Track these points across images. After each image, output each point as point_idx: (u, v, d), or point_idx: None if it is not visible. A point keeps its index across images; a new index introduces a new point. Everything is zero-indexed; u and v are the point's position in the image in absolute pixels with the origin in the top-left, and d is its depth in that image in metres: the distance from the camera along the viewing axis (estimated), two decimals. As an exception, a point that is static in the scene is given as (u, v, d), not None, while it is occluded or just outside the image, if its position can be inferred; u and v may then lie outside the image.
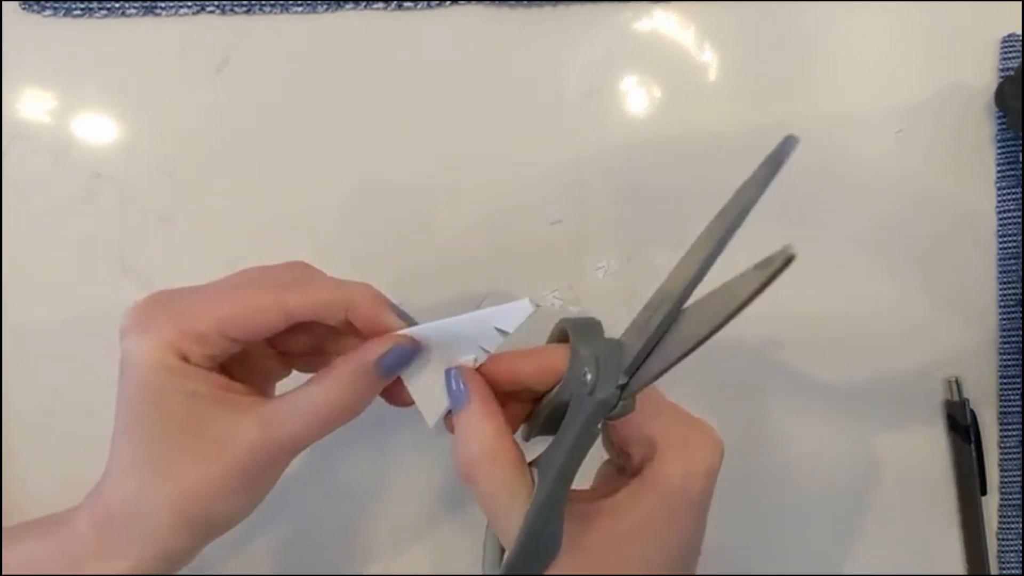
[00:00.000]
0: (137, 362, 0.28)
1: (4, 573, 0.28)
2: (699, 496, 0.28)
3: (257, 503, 0.30)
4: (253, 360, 0.31)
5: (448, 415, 0.31)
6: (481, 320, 0.30)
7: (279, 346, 0.32)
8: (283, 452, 0.29)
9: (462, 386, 0.29)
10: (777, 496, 0.41)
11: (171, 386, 0.27)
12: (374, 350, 0.29)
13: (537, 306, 0.30)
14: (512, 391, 0.30)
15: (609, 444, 0.32)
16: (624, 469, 0.31)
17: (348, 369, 0.29)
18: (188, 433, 0.27)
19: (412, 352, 0.29)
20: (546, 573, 0.27)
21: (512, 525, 0.27)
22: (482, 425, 0.28)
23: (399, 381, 0.31)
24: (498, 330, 0.30)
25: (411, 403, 0.32)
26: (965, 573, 0.41)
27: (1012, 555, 0.41)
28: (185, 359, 0.28)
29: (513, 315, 0.30)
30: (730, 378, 0.41)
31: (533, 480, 0.28)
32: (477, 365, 0.30)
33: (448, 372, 0.30)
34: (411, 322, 0.31)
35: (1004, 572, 0.41)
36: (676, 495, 0.28)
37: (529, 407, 0.32)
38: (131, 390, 0.28)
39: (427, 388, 0.31)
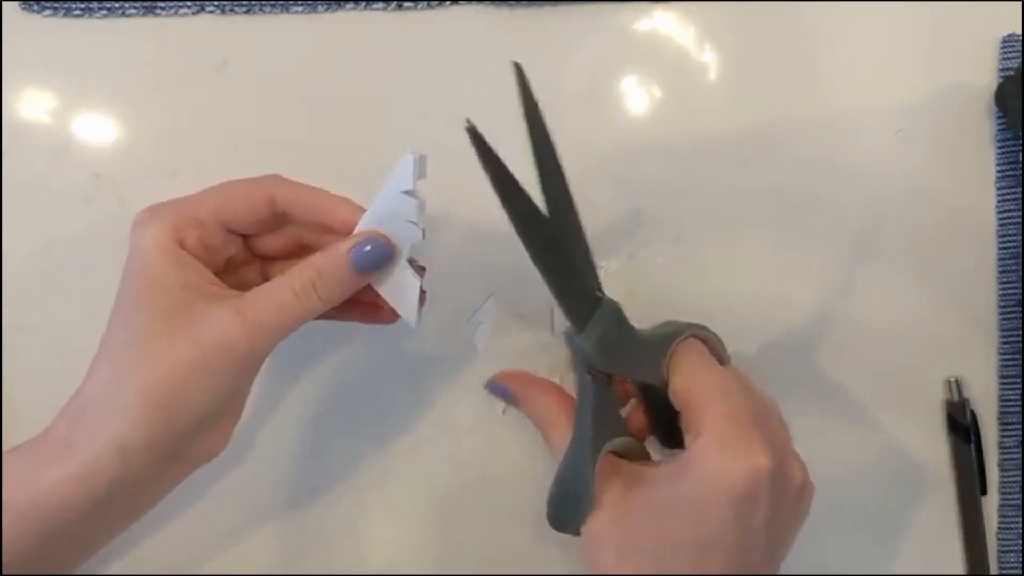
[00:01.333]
0: (139, 248, 0.29)
1: None
2: (731, 495, 0.28)
3: (232, 402, 0.31)
4: (240, 273, 0.33)
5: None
6: (390, 196, 0.31)
7: (263, 251, 0.33)
8: (254, 339, 0.29)
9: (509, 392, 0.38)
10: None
11: (165, 273, 0.29)
12: (346, 243, 0.30)
13: (419, 155, 0.31)
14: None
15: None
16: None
17: (322, 258, 0.30)
18: (171, 320, 0.28)
19: (386, 248, 0.30)
20: (583, 522, 0.31)
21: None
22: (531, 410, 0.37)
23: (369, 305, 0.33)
24: (406, 193, 0.31)
25: (391, 318, 0.33)
26: (965, 573, 0.41)
27: (1012, 555, 0.41)
28: (182, 245, 0.29)
29: (404, 174, 0.31)
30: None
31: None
32: (416, 240, 0.31)
33: (491, 386, 0.39)
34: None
35: (1004, 572, 0.41)
36: (703, 490, 0.29)
37: None
38: (129, 278, 0.29)
39: (393, 285, 0.31)
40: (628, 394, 0.38)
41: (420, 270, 0.33)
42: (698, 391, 0.31)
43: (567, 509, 0.33)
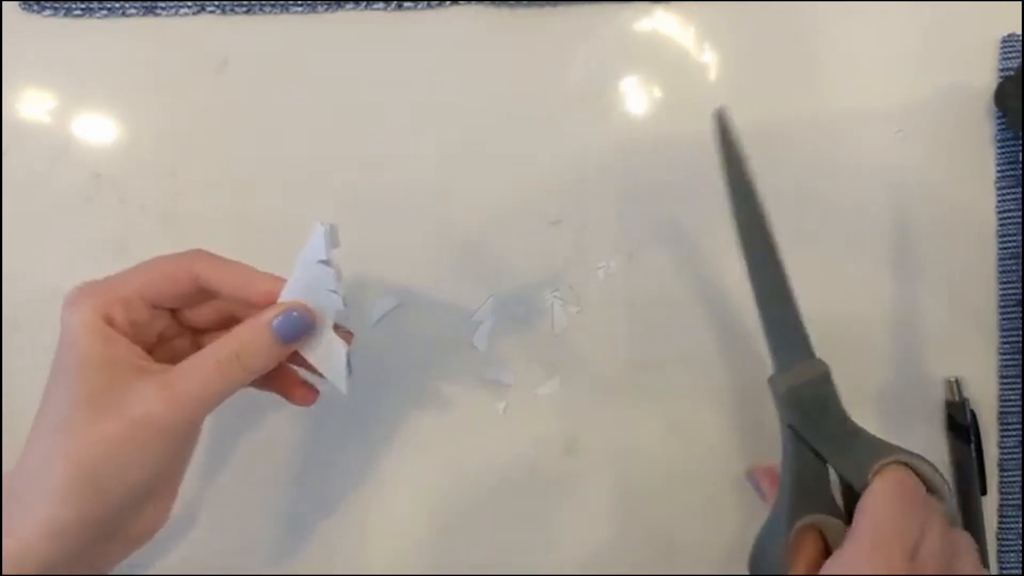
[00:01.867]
0: (67, 328, 0.30)
1: None
2: None
3: (167, 478, 0.31)
4: (172, 346, 0.33)
5: None
6: (307, 267, 0.31)
7: (192, 323, 0.34)
8: (181, 413, 0.29)
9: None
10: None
11: (91, 351, 0.29)
12: (268, 312, 0.31)
13: (329, 225, 0.31)
14: None
15: None
16: None
17: (245, 329, 0.30)
18: (97, 398, 0.28)
19: (307, 317, 0.31)
20: None
21: None
22: None
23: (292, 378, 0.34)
24: (322, 263, 0.31)
25: (312, 399, 0.34)
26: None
27: (1012, 555, 0.41)
28: (111, 323, 0.30)
29: (317, 245, 0.31)
30: (729, 376, 0.41)
31: None
32: (338, 308, 0.31)
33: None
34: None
35: (1004, 572, 0.41)
36: None
37: None
38: (59, 358, 0.30)
39: (320, 353, 0.32)
40: None
41: (347, 336, 0.33)
42: (864, 527, 0.31)
43: (762, 570, 0.34)
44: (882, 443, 0.34)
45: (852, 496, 0.34)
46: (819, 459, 0.34)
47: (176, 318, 0.33)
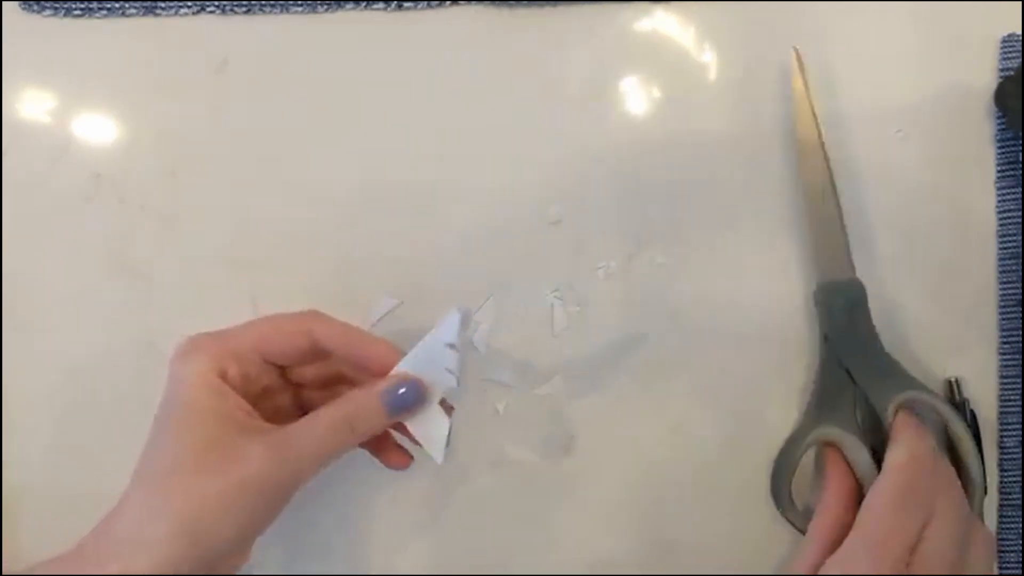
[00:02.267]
0: (182, 380, 0.30)
1: None
2: None
3: (260, 529, 0.31)
4: (280, 412, 0.34)
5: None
6: (432, 345, 0.33)
7: (297, 379, 0.35)
8: (288, 474, 0.30)
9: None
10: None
11: (204, 404, 0.30)
12: (382, 384, 0.32)
13: (466, 310, 0.33)
14: None
15: None
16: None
17: (355, 398, 0.32)
18: (207, 453, 0.29)
19: (418, 390, 0.32)
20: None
21: None
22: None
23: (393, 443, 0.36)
24: (448, 346, 0.33)
25: (406, 464, 0.36)
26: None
27: (1012, 555, 0.41)
28: (223, 377, 0.31)
29: (450, 328, 0.33)
30: (730, 374, 0.41)
31: None
32: (451, 387, 0.33)
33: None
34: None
35: (1004, 572, 0.41)
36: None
37: None
38: (168, 407, 0.31)
39: (423, 424, 0.33)
40: None
41: (449, 410, 0.35)
42: (865, 523, 0.32)
43: (782, 476, 0.38)
44: (907, 376, 0.38)
45: (875, 420, 0.38)
46: (849, 379, 0.38)
47: (282, 373, 0.34)
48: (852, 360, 0.39)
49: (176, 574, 0.29)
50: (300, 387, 0.36)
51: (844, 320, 0.39)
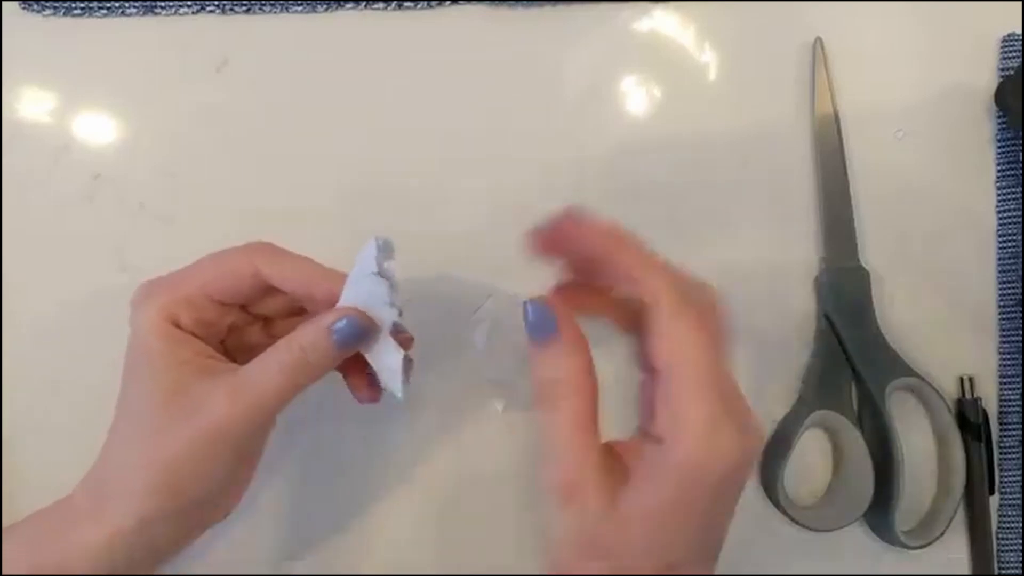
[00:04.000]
0: (137, 329, 0.31)
1: (12, 549, 0.30)
2: (721, 490, 0.27)
3: (241, 473, 0.33)
4: (253, 347, 0.33)
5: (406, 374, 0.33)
6: (359, 279, 0.32)
7: (262, 313, 0.35)
8: (252, 414, 0.30)
9: (549, 319, 0.29)
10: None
11: (159, 352, 0.30)
12: (328, 317, 0.31)
13: (385, 240, 0.32)
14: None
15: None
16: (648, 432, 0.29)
17: (305, 332, 0.31)
18: (171, 401, 0.30)
19: (362, 323, 0.31)
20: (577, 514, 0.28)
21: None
22: (567, 360, 0.29)
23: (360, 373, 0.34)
24: (375, 275, 0.31)
25: (377, 397, 0.34)
26: (970, 573, 0.41)
27: (1012, 555, 0.41)
28: (176, 323, 0.31)
29: (368, 259, 0.32)
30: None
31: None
32: (394, 319, 0.32)
33: (526, 304, 0.29)
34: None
35: (1004, 572, 0.41)
36: (689, 485, 0.27)
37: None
38: (129, 359, 0.31)
39: (378, 359, 0.32)
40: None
41: (408, 341, 0.34)
42: (684, 374, 0.28)
43: (777, 454, 0.39)
44: (902, 363, 0.39)
45: (871, 406, 0.39)
46: (846, 364, 0.40)
47: (245, 310, 0.34)
48: (851, 343, 0.40)
49: (163, 519, 0.30)
50: (269, 319, 0.35)
51: (848, 303, 0.40)
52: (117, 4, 0.40)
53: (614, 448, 0.30)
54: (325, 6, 0.41)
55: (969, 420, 0.40)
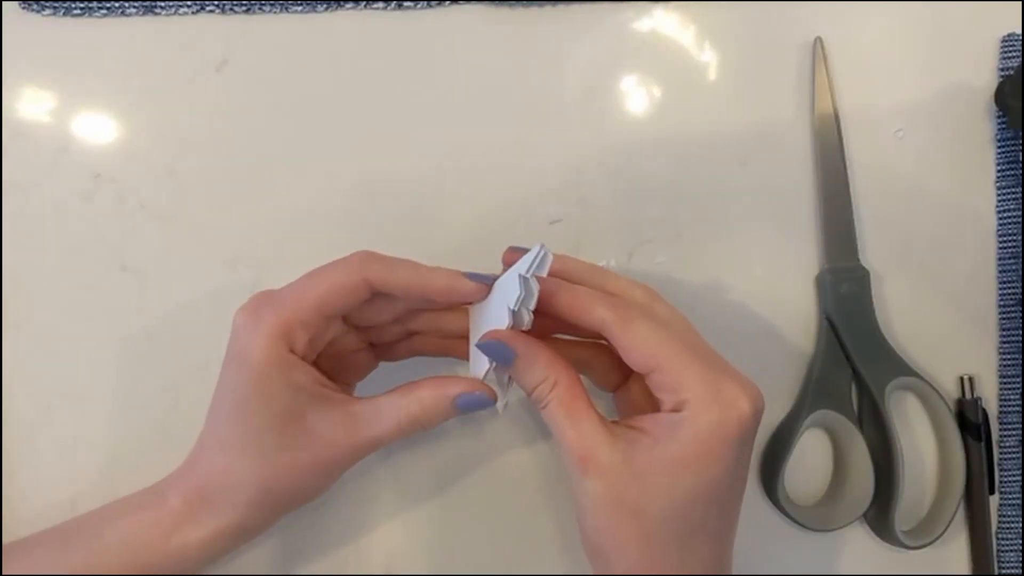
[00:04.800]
0: (251, 353, 0.31)
1: (110, 549, 0.32)
2: (729, 446, 0.30)
3: (327, 489, 0.35)
4: (344, 354, 0.35)
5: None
6: (511, 273, 0.32)
7: (366, 327, 0.35)
8: (362, 450, 0.33)
9: (504, 349, 0.32)
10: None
11: (277, 377, 0.31)
12: (456, 387, 0.33)
13: (544, 252, 0.32)
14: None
15: (631, 393, 0.35)
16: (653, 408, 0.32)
17: (429, 394, 0.33)
18: (286, 421, 0.31)
19: (489, 401, 0.33)
20: (592, 478, 0.30)
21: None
22: (531, 366, 0.32)
23: None
24: (521, 276, 0.31)
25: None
26: (970, 573, 0.41)
27: (1012, 555, 0.41)
28: (291, 350, 0.32)
29: (525, 260, 0.32)
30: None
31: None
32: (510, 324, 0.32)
33: (479, 345, 0.32)
34: (488, 281, 0.33)
35: (1003, 572, 0.41)
36: (702, 443, 0.29)
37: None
38: (239, 376, 0.32)
39: (476, 361, 0.33)
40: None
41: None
42: (664, 355, 0.31)
43: (778, 454, 0.39)
44: (902, 363, 0.40)
45: (870, 402, 0.39)
46: (846, 363, 0.40)
47: (345, 320, 0.35)
48: (852, 343, 0.39)
49: (264, 526, 0.34)
50: (367, 328, 0.36)
51: (848, 303, 0.40)
52: (117, 4, 0.40)
53: (627, 422, 0.32)
54: (325, 6, 0.41)
55: (969, 420, 0.40)
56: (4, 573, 0.32)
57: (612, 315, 0.31)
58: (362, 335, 0.36)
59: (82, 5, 0.40)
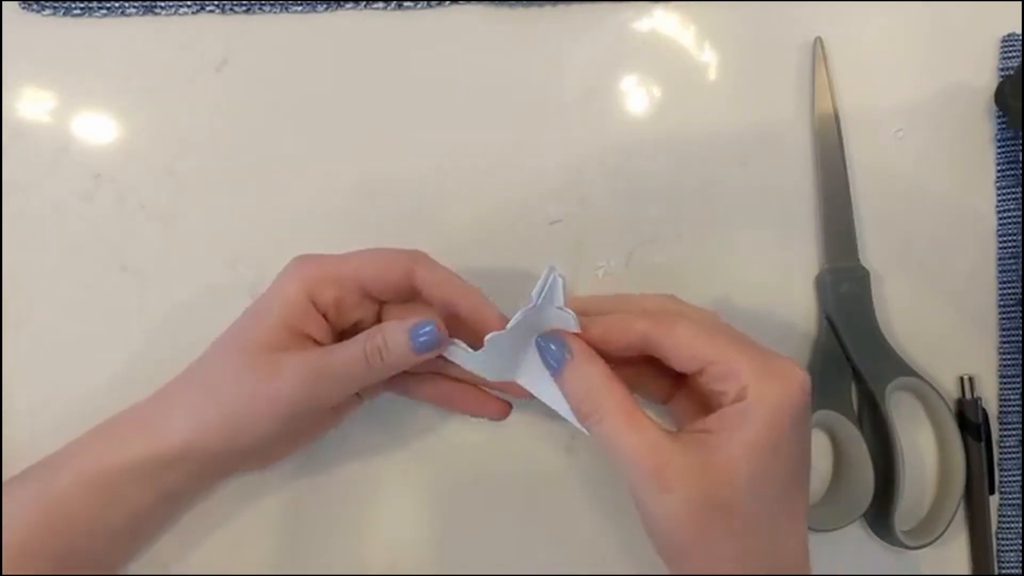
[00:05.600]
0: (274, 292, 0.33)
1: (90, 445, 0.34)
2: (798, 416, 0.30)
3: (297, 436, 0.36)
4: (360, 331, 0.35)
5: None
6: (546, 304, 0.33)
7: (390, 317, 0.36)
8: (315, 393, 0.32)
9: (560, 345, 0.32)
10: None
11: (286, 320, 0.32)
12: (409, 320, 0.33)
13: (562, 278, 0.33)
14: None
15: (683, 401, 0.36)
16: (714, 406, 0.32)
17: (386, 328, 0.33)
18: (259, 358, 0.32)
19: (440, 335, 0.33)
20: (675, 488, 0.29)
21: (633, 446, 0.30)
22: (587, 367, 0.32)
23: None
24: (561, 309, 0.32)
25: (504, 412, 0.37)
26: (970, 573, 0.41)
27: (1012, 555, 0.41)
28: (313, 299, 0.33)
29: (556, 289, 0.33)
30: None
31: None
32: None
33: (538, 341, 0.33)
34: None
35: (1003, 572, 0.41)
36: (776, 419, 0.30)
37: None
38: (254, 310, 0.33)
39: (547, 389, 0.33)
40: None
41: None
42: (714, 348, 0.31)
43: None
44: (902, 363, 0.39)
45: (870, 402, 0.40)
46: (846, 363, 0.40)
47: (377, 316, 0.36)
48: (852, 343, 0.39)
49: (206, 456, 0.33)
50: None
51: (848, 303, 0.40)
52: (117, 4, 0.40)
53: (690, 427, 0.32)
54: (325, 6, 0.41)
55: (969, 420, 0.40)
56: None
57: (652, 325, 0.32)
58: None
59: (82, 5, 0.40)
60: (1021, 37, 0.41)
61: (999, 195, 0.41)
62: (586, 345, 0.32)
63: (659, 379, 0.35)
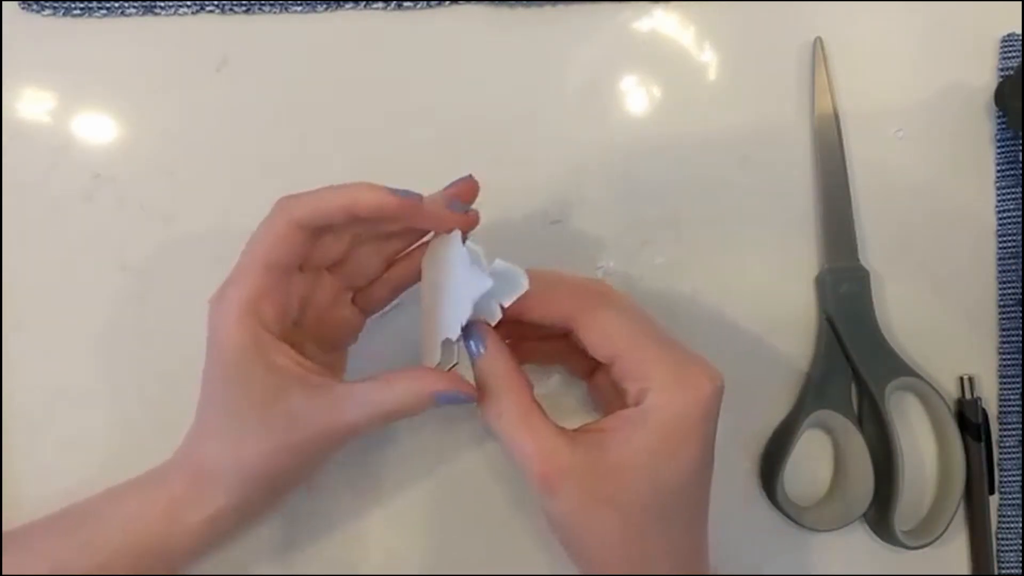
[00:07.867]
0: (225, 338, 0.31)
1: (112, 530, 0.33)
2: (696, 426, 0.30)
3: (317, 470, 0.36)
4: (327, 314, 0.35)
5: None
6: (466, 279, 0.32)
7: (317, 263, 0.34)
8: (345, 436, 0.32)
9: (477, 340, 0.32)
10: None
11: (255, 359, 0.31)
12: (437, 383, 0.32)
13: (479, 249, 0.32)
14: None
15: (600, 382, 0.36)
16: (624, 403, 0.32)
17: (411, 386, 0.32)
18: (267, 404, 0.31)
19: (469, 399, 0.32)
20: (560, 491, 0.30)
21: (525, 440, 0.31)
22: (493, 363, 0.32)
23: None
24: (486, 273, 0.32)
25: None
26: (970, 573, 0.41)
27: (1011, 555, 0.41)
28: (264, 325, 0.31)
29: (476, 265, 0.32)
30: (728, 372, 0.41)
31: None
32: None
33: (463, 330, 0.32)
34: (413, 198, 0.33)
35: (1003, 572, 0.41)
36: (671, 428, 0.30)
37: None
38: (219, 362, 0.32)
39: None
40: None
41: None
42: (625, 344, 0.32)
43: (766, 468, 0.40)
44: (902, 363, 0.40)
45: (870, 402, 0.40)
46: (846, 364, 0.40)
47: (303, 271, 0.34)
48: (852, 343, 0.39)
49: (257, 504, 0.33)
50: (330, 268, 0.36)
51: (848, 303, 0.40)
52: (117, 4, 0.40)
53: (587, 427, 0.32)
54: (325, 6, 0.41)
55: (969, 420, 0.40)
56: (5, 558, 0.32)
57: (574, 305, 0.32)
58: (336, 283, 0.35)
59: (82, 5, 0.40)
60: (1021, 37, 0.41)
61: (999, 195, 0.41)
62: (499, 340, 0.32)
63: (583, 357, 0.35)
